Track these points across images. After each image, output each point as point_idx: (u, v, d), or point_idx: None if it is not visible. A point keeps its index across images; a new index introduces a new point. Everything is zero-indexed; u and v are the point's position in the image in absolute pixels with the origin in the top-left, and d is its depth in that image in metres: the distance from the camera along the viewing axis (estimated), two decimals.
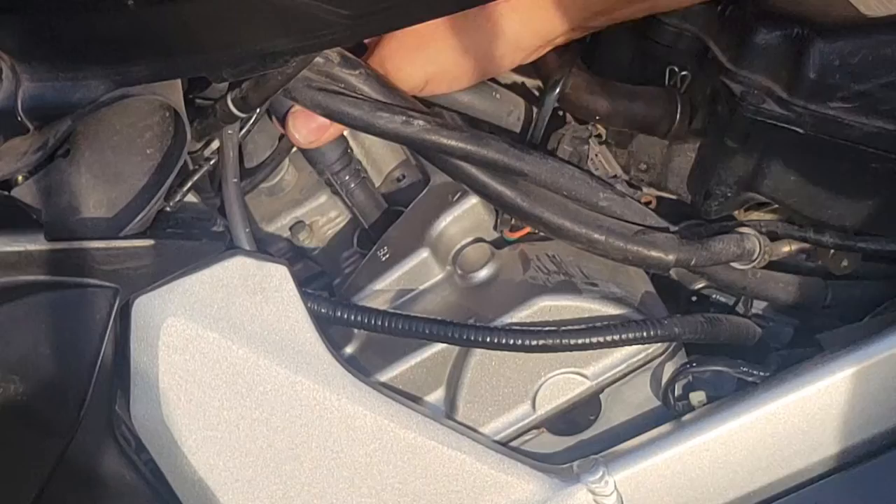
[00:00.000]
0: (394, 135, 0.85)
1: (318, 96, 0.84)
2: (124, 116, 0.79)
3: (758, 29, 0.90)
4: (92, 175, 0.80)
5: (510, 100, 0.96)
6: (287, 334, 0.85)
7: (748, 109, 0.90)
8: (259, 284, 0.85)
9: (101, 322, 0.81)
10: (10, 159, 0.76)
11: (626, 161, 1.00)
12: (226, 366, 0.84)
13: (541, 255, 0.93)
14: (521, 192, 0.89)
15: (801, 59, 0.89)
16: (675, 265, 0.90)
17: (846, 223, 0.95)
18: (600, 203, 0.90)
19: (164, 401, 0.84)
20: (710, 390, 0.92)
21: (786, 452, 0.90)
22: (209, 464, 0.85)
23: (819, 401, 0.90)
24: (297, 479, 0.86)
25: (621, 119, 0.96)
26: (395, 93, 0.87)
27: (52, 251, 0.79)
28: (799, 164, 0.93)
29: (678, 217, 0.96)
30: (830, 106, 0.90)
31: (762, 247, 0.93)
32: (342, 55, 0.85)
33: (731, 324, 0.94)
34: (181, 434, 0.85)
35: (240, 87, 0.81)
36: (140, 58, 0.75)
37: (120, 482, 0.87)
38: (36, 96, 0.75)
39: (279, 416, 0.85)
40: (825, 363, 0.89)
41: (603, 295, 0.91)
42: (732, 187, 0.95)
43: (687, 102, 0.95)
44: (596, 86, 0.95)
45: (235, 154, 0.86)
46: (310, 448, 0.86)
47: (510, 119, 0.96)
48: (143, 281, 0.83)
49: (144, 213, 0.80)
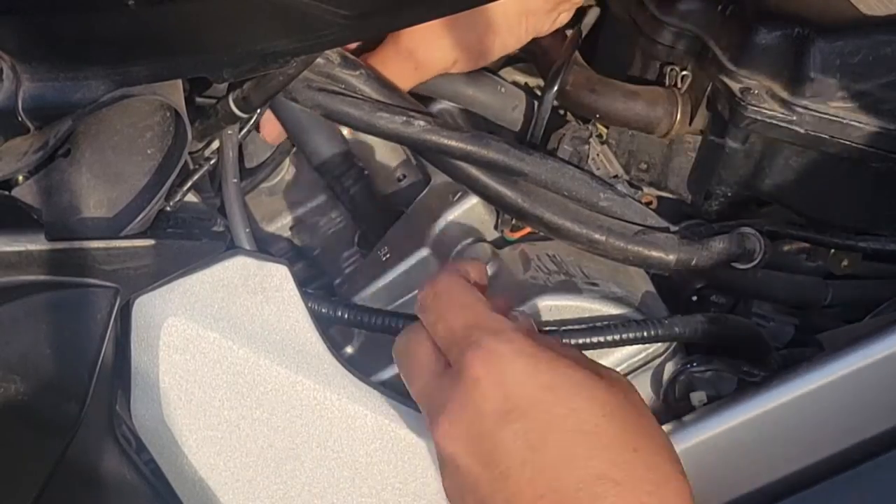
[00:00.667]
0: (394, 135, 0.85)
1: (319, 97, 0.84)
2: (125, 116, 0.79)
3: (758, 29, 0.91)
4: (92, 175, 0.80)
5: (514, 94, 0.96)
6: (287, 334, 0.85)
7: (748, 109, 0.90)
8: (259, 284, 0.85)
9: (101, 322, 0.81)
10: (10, 159, 0.76)
11: (626, 161, 1.00)
12: (226, 366, 0.84)
13: (541, 254, 0.93)
14: (522, 192, 0.89)
15: (801, 59, 0.89)
16: (676, 265, 0.91)
17: (846, 223, 0.95)
18: (601, 203, 0.90)
19: (164, 401, 0.84)
20: (710, 390, 0.92)
21: (786, 452, 0.90)
22: (209, 464, 0.85)
23: (819, 401, 0.89)
24: (297, 478, 0.86)
25: (621, 118, 0.96)
26: (396, 93, 0.87)
27: (52, 251, 0.79)
28: (799, 164, 0.93)
29: (678, 217, 0.96)
30: (830, 106, 0.90)
31: (762, 247, 0.93)
32: (342, 56, 0.85)
33: (731, 323, 0.94)
34: (181, 434, 0.85)
35: (241, 87, 0.81)
36: (140, 58, 0.75)
37: (120, 482, 0.87)
38: (36, 96, 0.75)
39: (279, 415, 0.85)
40: (826, 363, 0.89)
41: (603, 295, 0.90)
42: (732, 187, 0.95)
43: (687, 102, 0.95)
44: (596, 84, 0.96)
45: (235, 154, 0.86)
46: (310, 448, 0.86)
47: (514, 114, 0.96)
48: (144, 281, 0.83)
49: (145, 213, 0.80)
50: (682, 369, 0.92)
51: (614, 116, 0.96)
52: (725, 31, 0.93)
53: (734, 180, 0.95)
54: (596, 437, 0.68)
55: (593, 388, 0.70)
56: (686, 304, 0.99)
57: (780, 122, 0.90)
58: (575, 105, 0.96)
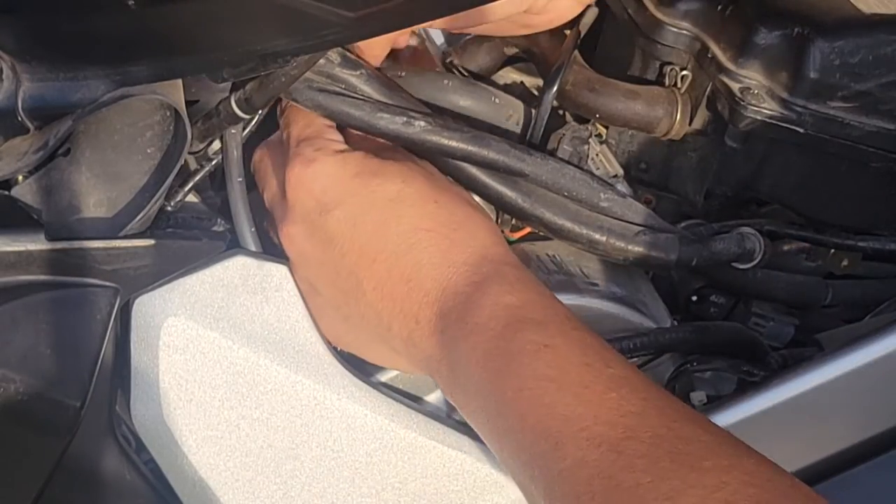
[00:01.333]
0: (395, 136, 0.85)
1: (319, 97, 0.84)
2: (125, 116, 0.79)
3: (758, 29, 0.90)
4: (92, 174, 0.80)
5: (509, 104, 0.96)
6: (287, 334, 0.85)
7: (748, 109, 0.90)
8: (259, 284, 0.85)
9: (101, 322, 0.81)
10: (10, 159, 0.76)
11: (626, 161, 1.00)
12: (226, 366, 0.84)
13: (541, 254, 0.93)
14: (522, 192, 0.89)
15: (801, 59, 0.89)
16: (676, 265, 0.91)
17: (846, 223, 0.95)
18: (601, 203, 0.90)
19: (164, 401, 0.84)
20: (710, 390, 0.92)
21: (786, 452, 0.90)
22: (209, 464, 0.85)
23: (819, 401, 0.89)
24: (297, 478, 0.86)
25: (621, 118, 0.96)
26: (396, 93, 0.87)
27: (52, 251, 0.79)
28: (799, 164, 0.93)
29: (678, 217, 0.96)
30: (830, 106, 0.90)
31: (762, 247, 0.93)
32: (343, 55, 0.85)
33: (720, 330, 0.93)
34: (181, 434, 0.85)
35: (243, 87, 0.81)
36: (141, 58, 0.75)
37: (120, 482, 0.87)
38: (36, 96, 0.75)
39: (279, 415, 0.85)
40: (825, 363, 0.89)
41: (603, 295, 0.91)
42: (732, 187, 0.95)
43: (687, 102, 0.95)
44: (596, 84, 0.95)
45: (240, 153, 0.86)
46: (310, 448, 0.86)
47: (509, 123, 0.96)
48: (143, 281, 0.83)
49: (145, 212, 0.80)
50: (682, 369, 0.92)
51: (614, 116, 0.96)
52: (725, 31, 0.93)
53: (734, 180, 0.95)
54: (400, 201, 0.81)
55: (390, 166, 0.83)
56: (686, 304, 1.00)
57: (780, 122, 0.90)
58: (575, 105, 0.96)
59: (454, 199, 0.83)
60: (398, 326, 0.80)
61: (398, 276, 0.80)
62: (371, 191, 0.81)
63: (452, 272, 0.79)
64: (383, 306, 0.81)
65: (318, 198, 0.81)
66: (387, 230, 0.81)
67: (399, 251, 0.80)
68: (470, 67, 1.07)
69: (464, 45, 1.09)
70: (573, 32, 0.98)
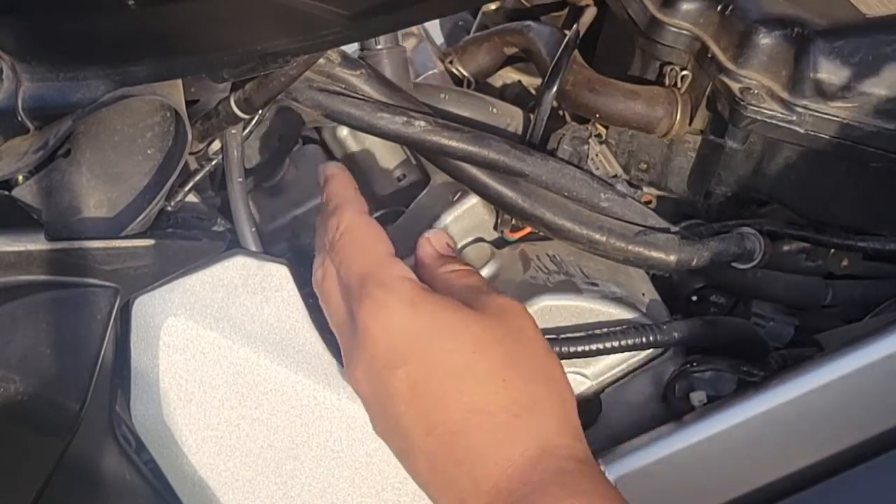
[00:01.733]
0: (395, 135, 0.85)
1: (319, 97, 0.84)
2: (125, 116, 0.79)
3: (758, 29, 0.91)
4: (93, 175, 0.80)
5: (507, 112, 0.96)
6: (287, 334, 0.85)
7: (748, 109, 0.90)
8: (259, 284, 0.85)
9: (101, 322, 0.81)
10: (10, 159, 0.76)
11: (625, 161, 1.00)
12: (226, 366, 0.84)
13: (541, 254, 0.93)
14: (522, 192, 0.89)
15: (801, 59, 0.89)
16: (676, 265, 0.91)
17: (846, 223, 0.95)
18: (601, 203, 0.90)
19: (164, 401, 0.84)
20: (710, 390, 0.92)
21: (786, 452, 0.90)
22: (209, 464, 0.85)
23: (819, 401, 0.89)
24: (297, 478, 0.86)
25: (621, 118, 0.96)
26: (397, 93, 0.87)
27: (52, 251, 0.79)
28: (799, 164, 0.93)
29: (678, 217, 0.96)
30: (830, 106, 0.90)
31: (762, 247, 0.93)
32: (343, 55, 0.85)
33: (730, 325, 0.94)
34: (181, 434, 0.84)
35: (243, 87, 0.81)
36: (141, 58, 0.75)
37: (120, 482, 0.87)
38: (36, 96, 0.75)
39: (279, 415, 0.85)
40: (825, 363, 0.89)
41: (603, 295, 0.91)
42: (732, 187, 0.95)
43: (687, 102, 0.95)
44: (596, 84, 0.96)
45: (240, 153, 0.86)
46: (310, 448, 0.86)
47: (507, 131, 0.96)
48: (143, 281, 0.83)
49: (145, 213, 0.80)
50: (682, 369, 0.92)
51: (614, 116, 0.96)
52: (725, 31, 0.93)
53: (734, 180, 0.95)
54: (465, 376, 0.76)
55: (467, 328, 0.77)
56: (686, 304, 1.00)
57: (780, 122, 0.90)
58: (575, 105, 0.96)
59: (524, 377, 0.77)
60: (446, 502, 0.77)
61: (449, 456, 0.76)
62: (437, 356, 0.76)
63: (508, 465, 0.74)
64: (432, 479, 0.77)
65: (385, 353, 0.77)
66: (446, 405, 0.76)
67: (454, 430, 0.76)
68: (469, 68, 1.07)
69: (463, 46, 1.09)
70: (573, 32, 0.98)
